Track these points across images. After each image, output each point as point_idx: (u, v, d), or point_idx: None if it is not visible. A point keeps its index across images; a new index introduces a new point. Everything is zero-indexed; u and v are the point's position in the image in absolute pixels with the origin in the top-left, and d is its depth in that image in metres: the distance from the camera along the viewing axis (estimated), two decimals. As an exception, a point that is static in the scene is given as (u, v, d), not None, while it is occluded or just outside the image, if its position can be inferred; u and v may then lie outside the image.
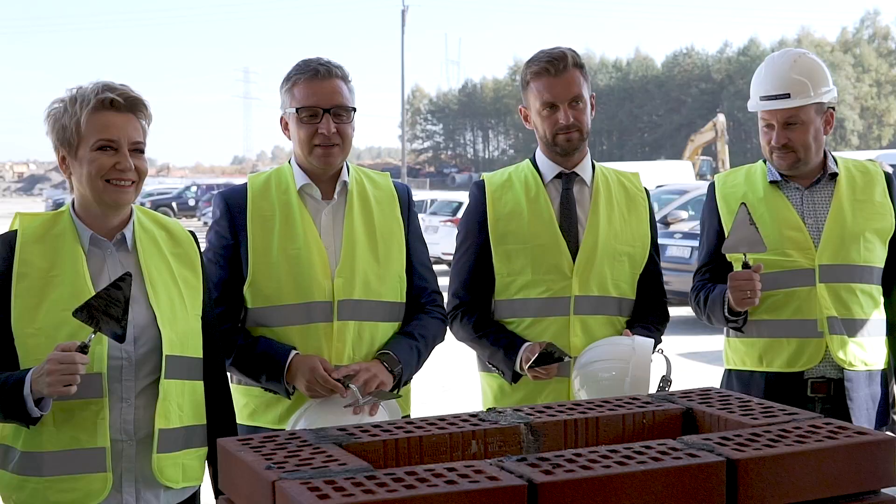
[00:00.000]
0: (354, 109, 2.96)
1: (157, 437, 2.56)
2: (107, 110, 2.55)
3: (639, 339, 3.00)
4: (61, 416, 2.50)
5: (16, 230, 2.61)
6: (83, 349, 2.37)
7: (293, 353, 2.86)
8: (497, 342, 3.17)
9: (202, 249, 2.96)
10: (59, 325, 2.49)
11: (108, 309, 2.37)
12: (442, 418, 1.77)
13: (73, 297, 2.49)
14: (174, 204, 42.21)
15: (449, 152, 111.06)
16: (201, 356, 2.70)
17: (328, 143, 2.90)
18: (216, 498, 1.76)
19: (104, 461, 2.51)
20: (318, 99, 2.90)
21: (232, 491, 1.62)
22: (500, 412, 1.80)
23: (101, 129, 2.54)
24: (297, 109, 2.92)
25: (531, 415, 1.78)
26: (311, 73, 2.92)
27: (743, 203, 3.12)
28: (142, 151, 2.60)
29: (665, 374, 2.98)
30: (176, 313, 2.63)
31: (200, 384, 2.70)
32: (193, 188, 45.60)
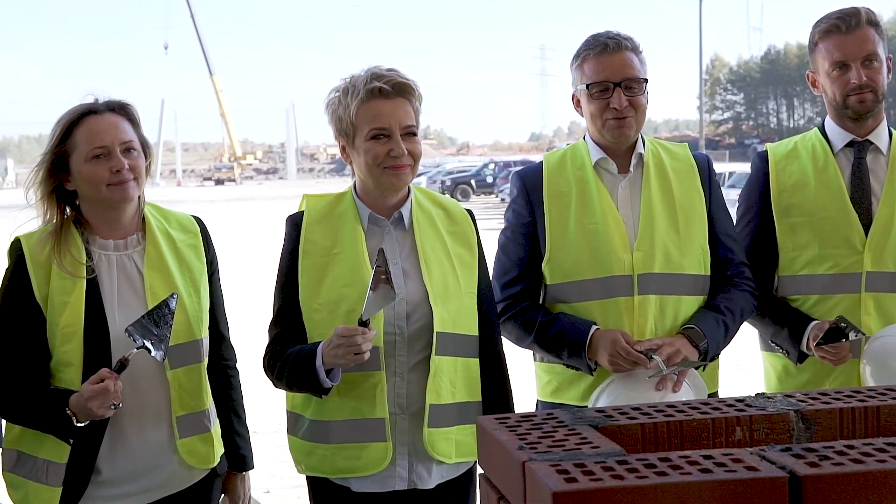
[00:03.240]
0: (646, 80, 2.90)
1: (428, 412, 2.62)
2: (376, 98, 2.62)
3: None
4: (345, 388, 2.62)
5: (303, 211, 2.77)
6: (363, 322, 2.47)
7: (594, 327, 2.83)
8: (780, 320, 3.01)
9: (503, 227, 3.02)
10: (339, 300, 2.61)
11: (388, 280, 2.48)
12: (706, 402, 1.69)
13: (353, 274, 2.60)
14: (472, 181, 43.26)
15: (750, 123, 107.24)
16: (475, 334, 2.74)
17: (621, 116, 2.86)
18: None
19: (384, 431, 2.61)
20: (609, 73, 2.85)
21: (489, 469, 1.62)
22: (769, 398, 1.69)
23: (373, 118, 2.62)
24: (587, 85, 2.89)
25: (803, 401, 1.66)
26: (600, 47, 2.88)
27: None
28: (414, 134, 2.66)
29: None
30: (449, 291, 2.68)
31: (475, 361, 2.74)
32: (491, 165, 46.53)
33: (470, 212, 2.87)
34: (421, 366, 2.65)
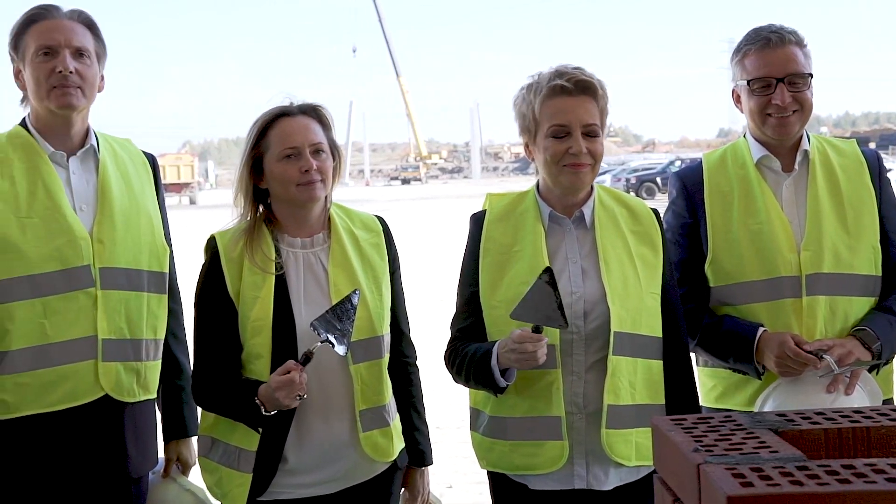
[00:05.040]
0: (811, 75, 2.81)
1: (606, 413, 2.60)
2: (558, 95, 2.62)
3: None
4: (521, 385, 2.63)
5: (485, 209, 2.80)
6: (536, 329, 2.48)
7: (761, 329, 2.77)
8: None
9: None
10: (517, 297, 2.61)
11: (560, 307, 2.47)
12: (894, 409, 1.62)
13: (531, 272, 2.61)
14: (658, 179, 42.45)
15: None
16: (658, 335, 2.69)
17: (783, 113, 2.79)
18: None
19: (560, 430, 2.61)
20: (771, 69, 2.79)
21: (663, 470, 1.60)
22: (965, 405, 1.61)
23: (553, 115, 2.62)
24: (748, 81, 2.82)
25: None
26: (762, 42, 2.81)
27: None
28: (596, 134, 2.63)
29: None
30: (629, 290, 2.65)
31: (658, 364, 2.69)
32: (678, 163, 45.53)
33: (655, 211, 2.82)
34: (598, 365, 2.62)
